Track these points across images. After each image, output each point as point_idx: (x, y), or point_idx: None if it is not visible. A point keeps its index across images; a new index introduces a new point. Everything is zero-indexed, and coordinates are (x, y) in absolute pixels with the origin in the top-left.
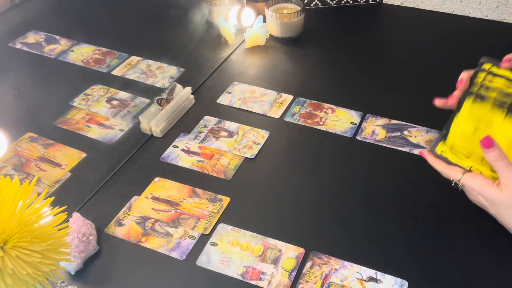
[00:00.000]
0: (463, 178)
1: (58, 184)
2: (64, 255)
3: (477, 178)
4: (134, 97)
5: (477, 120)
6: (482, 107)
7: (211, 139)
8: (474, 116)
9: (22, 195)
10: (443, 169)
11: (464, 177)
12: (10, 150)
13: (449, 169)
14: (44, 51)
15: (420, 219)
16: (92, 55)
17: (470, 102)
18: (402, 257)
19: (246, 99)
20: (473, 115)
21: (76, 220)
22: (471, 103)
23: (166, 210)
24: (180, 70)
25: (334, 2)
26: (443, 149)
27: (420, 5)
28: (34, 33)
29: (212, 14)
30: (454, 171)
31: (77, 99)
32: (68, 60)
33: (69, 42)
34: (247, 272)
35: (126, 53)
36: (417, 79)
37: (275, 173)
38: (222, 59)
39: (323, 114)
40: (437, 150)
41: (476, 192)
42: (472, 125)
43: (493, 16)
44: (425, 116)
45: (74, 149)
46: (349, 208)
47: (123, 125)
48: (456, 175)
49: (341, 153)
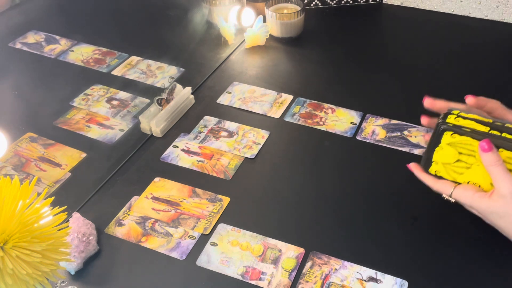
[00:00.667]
0: (454, 192)
1: (58, 184)
2: (64, 255)
3: (468, 192)
4: (134, 97)
5: (459, 147)
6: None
7: (211, 139)
8: (455, 144)
9: (22, 195)
10: (433, 185)
11: (455, 192)
12: (10, 150)
13: (439, 184)
14: (44, 51)
15: (420, 219)
16: (92, 55)
17: (449, 133)
18: (402, 257)
19: (246, 99)
20: (454, 144)
21: (76, 220)
22: (450, 134)
23: (166, 210)
24: (180, 70)
25: (334, 2)
26: (437, 169)
27: (420, 5)
28: (34, 33)
29: (212, 14)
30: (445, 186)
31: (77, 99)
32: (68, 60)
33: (69, 42)
34: (247, 272)
35: (126, 53)
36: (417, 79)
37: (275, 173)
38: (222, 59)
39: (323, 114)
40: (431, 170)
41: (468, 206)
42: (455, 151)
43: (493, 16)
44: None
45: (74, 149)
46: (349, 208)
47: (123, 125)
48: (447, 190)
49: (341, 153)
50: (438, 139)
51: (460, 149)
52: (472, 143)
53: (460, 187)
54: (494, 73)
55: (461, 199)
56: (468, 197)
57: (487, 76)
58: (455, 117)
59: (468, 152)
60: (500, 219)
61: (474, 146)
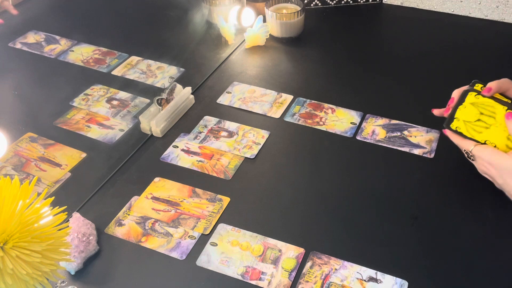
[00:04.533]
0: (474, 149)
1: (58, 184)
2: (64, 255)
3: (488, 149)
4: (134, 97)
5: (481, 107)
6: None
7: (211, 139)
8: (478, 104)
9: (22, 195)
10: (458, 141)
11: (475, 148)
12: (10, 150)
13: (463, 141)
14: (44, 51)
15: (420, 219)
16: (92, 55)
17: (473, 94)
18: (402, 257)
19: (246, 99)
20: (477, 104)
21: (76, 220)
22: (474, 95)
23: (166, 210)
24: (180, 70)
25: (334, 2)
26: (458, 125)
27: (420, 5)
28: (34, 33)
29: (212, 14)
30: (467, 143)
31: (77, 99)
32: (68, 60)
33: (69, 42)
34: (247, 272)
35: (126, 53)
36: (417, 79)
37: (275, 173)
38: (222, 59)
39: (323, 114)
40: (452, 126)
41: (486, 162)
42: (477, 111)
43: (493, 16)
44: (425, 116)
45: (74, 149)
46: (349, 208)
47: (123, 125)
48: (468, 146)
49: (341, 153)
50: (462, 99)
51: (482, 109)
52: (494, 105)
53: (481, 146)
54: (494, 73)
55: (481, 154)
56: (487, 153)
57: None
58: (481, 86)
59: (489, 113)
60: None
61: (495, 108)
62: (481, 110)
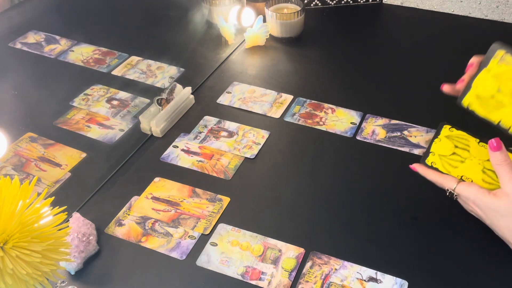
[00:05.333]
0: (458, 187)
1: (58, 184)
2: (64, 255)
3: (473, 187)
4: (134, 97)
5: (499, 81)
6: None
7: (211, 139)
8: (497, 76)
9: (22, 195)
10: (437, 179)
11: (459, 187)
12: (10, 150)
13: (443, 179)
14: (44, 51)
15: (420, 219)
16: (92, 55)
17: (448, 127)
18: (402, 257)
19: (246, 99)
20: (497, 76)
21: (76, 220)
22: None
23: (166, 210)
24: (180, 70)
25: (334, 2)
26: (471, 101)
27: (420, 5)
28: (34, 33)
29: (212, 14)
30: (449, 181)
31: (77, 99)
32: (68, 60)
33: (69, 42)
34: (247, 272)
35: (126, 53)
36: (417, 79)
37: (275, 173)
38: (222, 59)
39: (323, 114)
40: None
41: (471, 201)
42: (452, 144)
43: (493, 16)
44: (425, 116)
45: (74, 149)
46: (349, 208)
47: (123, 125)
48: (451, 184)
49: (341, 153)
50: (438, 132)
51: (457, 142)
52: (468, 138)
53: (464, 183)
54: None
55: (465, 193)
56: (472, 192)
57: None
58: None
59: (463, 146)
60: (502, 218)
61: (469, 141)
62: (455, 143)
